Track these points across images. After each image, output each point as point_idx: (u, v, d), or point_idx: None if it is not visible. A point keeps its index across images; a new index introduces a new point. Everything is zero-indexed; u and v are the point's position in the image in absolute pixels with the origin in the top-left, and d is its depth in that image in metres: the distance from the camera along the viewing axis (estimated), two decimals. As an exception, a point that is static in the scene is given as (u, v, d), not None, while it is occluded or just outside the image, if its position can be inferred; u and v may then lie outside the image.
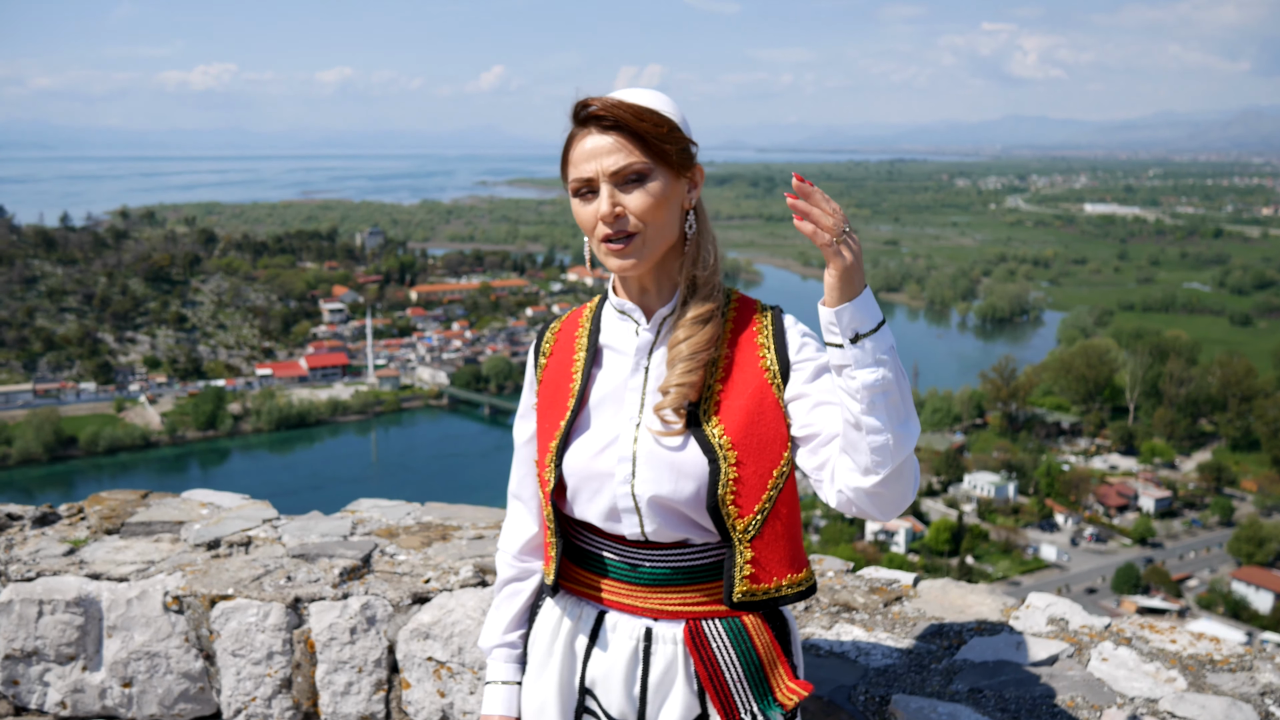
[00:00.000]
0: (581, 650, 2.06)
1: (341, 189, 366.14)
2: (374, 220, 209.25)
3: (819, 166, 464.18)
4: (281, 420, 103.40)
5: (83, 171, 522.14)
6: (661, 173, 1.90)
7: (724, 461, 1.89)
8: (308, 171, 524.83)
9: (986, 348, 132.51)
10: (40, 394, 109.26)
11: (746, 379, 1.95)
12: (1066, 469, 78.53)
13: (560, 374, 2.09)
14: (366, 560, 3.23)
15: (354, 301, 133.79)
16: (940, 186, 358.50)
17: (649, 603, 1.99)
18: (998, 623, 2.75)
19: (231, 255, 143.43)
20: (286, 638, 3.02)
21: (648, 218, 1.88)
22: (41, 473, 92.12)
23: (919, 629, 2.75)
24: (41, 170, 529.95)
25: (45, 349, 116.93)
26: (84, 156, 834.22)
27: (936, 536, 65.85)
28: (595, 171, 1.88)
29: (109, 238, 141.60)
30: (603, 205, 1.87)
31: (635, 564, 1.99)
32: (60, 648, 3.14)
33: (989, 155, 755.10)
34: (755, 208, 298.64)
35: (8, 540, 3.51)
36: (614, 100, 1.88)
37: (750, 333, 1.99)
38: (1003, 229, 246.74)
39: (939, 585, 3.02)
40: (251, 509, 3.74)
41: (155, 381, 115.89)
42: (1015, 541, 67.87)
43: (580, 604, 2.08)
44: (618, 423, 1.99)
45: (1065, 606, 2.79)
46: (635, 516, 1.95)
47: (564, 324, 2.18)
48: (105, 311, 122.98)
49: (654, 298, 2.01)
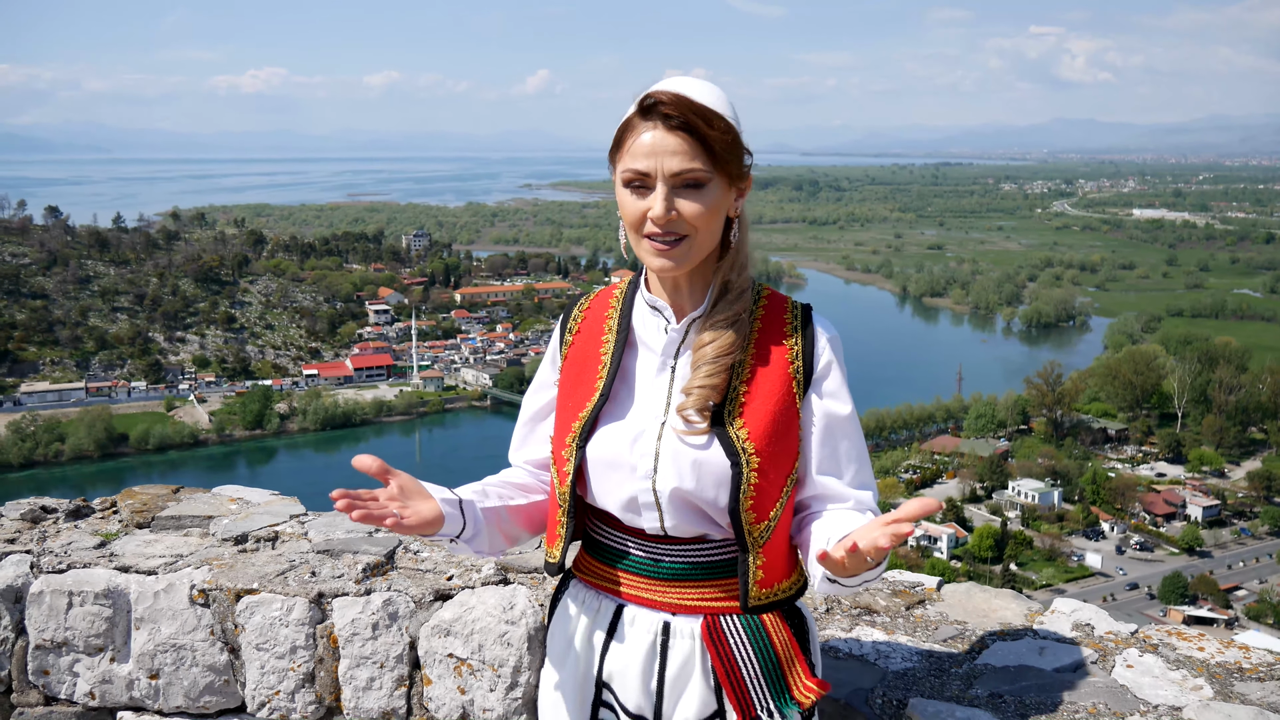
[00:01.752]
0: (599, 644, 2.05)
1: (388, 191, 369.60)
2: (419, 223, 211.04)
3: (863, 170, 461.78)
4: (327, 420, 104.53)
5: (136, 174, 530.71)
6: (719, 182, 1.88)
7: (746, 466, 1.89)
8: (355, 174, 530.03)
9: (1031, 353, 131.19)
10: (93, 392, 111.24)
11: (772, 381, 1.96)
12: (1113, 476, 77.64)
13: (588, 354, 2.09)
14: (390, 557, 3.25)
15: (399, 303, 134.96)
16: (986, 190, 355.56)
17: (667, 597, 1.99)
18: (1021, 628, 2.72)
19: (280, 257, 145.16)
20: (310, 632, 3.04)
21: (699, 224, 1.87)
22: (93, 469, 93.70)
23: (941, 633, 2.72)
24: (96, 172, 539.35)
25: (98, 348, 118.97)
26: (137, 159, 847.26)
27: (980, 543, 65.30)
28: (654, 168, 1.85)
29: (160, 239, 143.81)
30: (657, 206, 1.85)
31: (655, 558, 2.00)
32: (89, 639, 3.19)
33: (1036, 159, 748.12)
34: (799, 211, 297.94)
35: (41, 532, 3.56)
36: (686, 99, 1.83)
37: (779, 333, 2.01)
38: (1049, 233, 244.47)
39: (963, 589, 2.99)
40: (280, 505, 3.77)
41: (204, 381, 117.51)
42: (1060, 549, 67.17)
43: (599, 597, 2.07)
44: (643, 418, 1.99)
45: (1091, 612, 2.75)
46: (655, 511, 1.95)
47: (593, 303, 2.18)
48: (156, 311, 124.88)
49: (686, 297, 2.00)
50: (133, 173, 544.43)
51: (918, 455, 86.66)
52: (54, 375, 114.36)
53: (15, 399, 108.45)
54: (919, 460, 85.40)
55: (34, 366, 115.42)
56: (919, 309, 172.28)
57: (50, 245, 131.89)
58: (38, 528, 3.63)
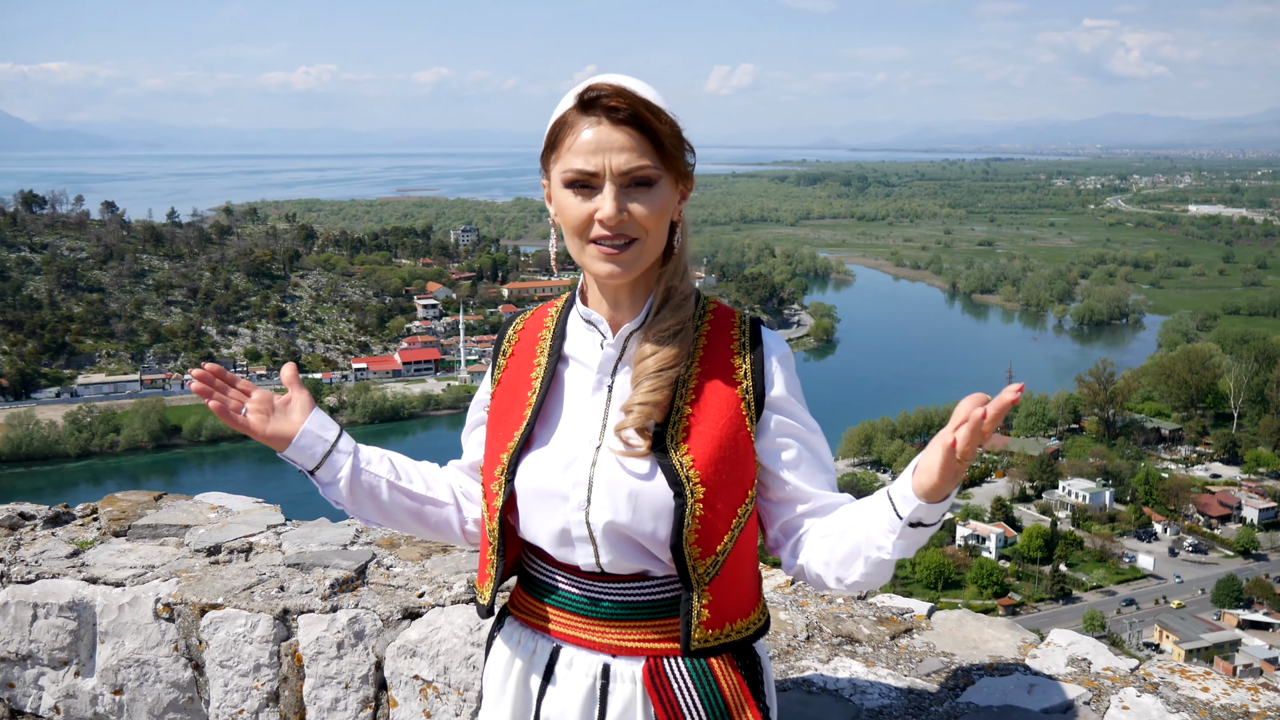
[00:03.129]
0: (536, 687, 1.89)
1: (437, 187, 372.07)
2: (468, 218, 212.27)
3: (913, 166, 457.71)
4: (375, 413, 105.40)
5: (190, 169, 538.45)
6: (668, 181, 1.76)
7: (690, 496, 1.73)
8: (404, 170, 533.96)
9: (1083, 351, 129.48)
10: (147, 384, 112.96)
11: (719, 402, 1.80)
12: (1166, 477, 76.35)
13: (518, 379, 1.95)
14: (361, 571, 3.13)
15: (447, 298, 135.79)
16: (1038, 186, 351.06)
17: (607, 638, 1.83)
18: (1012, 661, 2.53)
19: (330, 251, 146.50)
20: (274, 650, 2.93)
21: (650, 226, 1.74)
22: (147, 460, 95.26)
23: (925, 666, 2.54)
24: (151, 168, 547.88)
25: (152, 340, 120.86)
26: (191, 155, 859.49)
27: (1029, 543, 64.50)
28: (601, 166, 1.70)
29: (213, 233, 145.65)
30: (607, 206, 1.70)
31: (592, 596, 1.84)
32: (53, 652, 3.10)
33: (1089, 154, 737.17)
34: (847, 207, 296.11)
35: (16, 540, 3.49)
36: (630, 91, 1.70)
37: (726, 349, 1.85)
38: (1102, 230, 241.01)
39: (954, 617, 2.80)
40: (259, 514, 3.67)
41: (255, 374, 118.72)
42: (1111, 550, 66.22)
43: (534, 636, 1.92)
44: (576, 443, 1.83)
45: (1089, 646, 2.55)
46: (590, 546, 1.80)
47: (527, 323, 2.02)
48: (209, 305, 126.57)
49: (625, 309, 1.85)
50: (187, 168, 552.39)
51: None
52: (109, 367, 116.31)
53: (72, 390, 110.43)
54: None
55: (90, 358, 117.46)
56: (968, 306, 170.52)
57: (107, 240, 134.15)
58: (14, 535, 3.56)
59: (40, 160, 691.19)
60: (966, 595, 59.42)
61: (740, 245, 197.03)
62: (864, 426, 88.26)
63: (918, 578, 60.12)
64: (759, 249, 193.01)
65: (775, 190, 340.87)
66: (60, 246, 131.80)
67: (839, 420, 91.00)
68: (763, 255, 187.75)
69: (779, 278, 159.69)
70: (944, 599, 57.79)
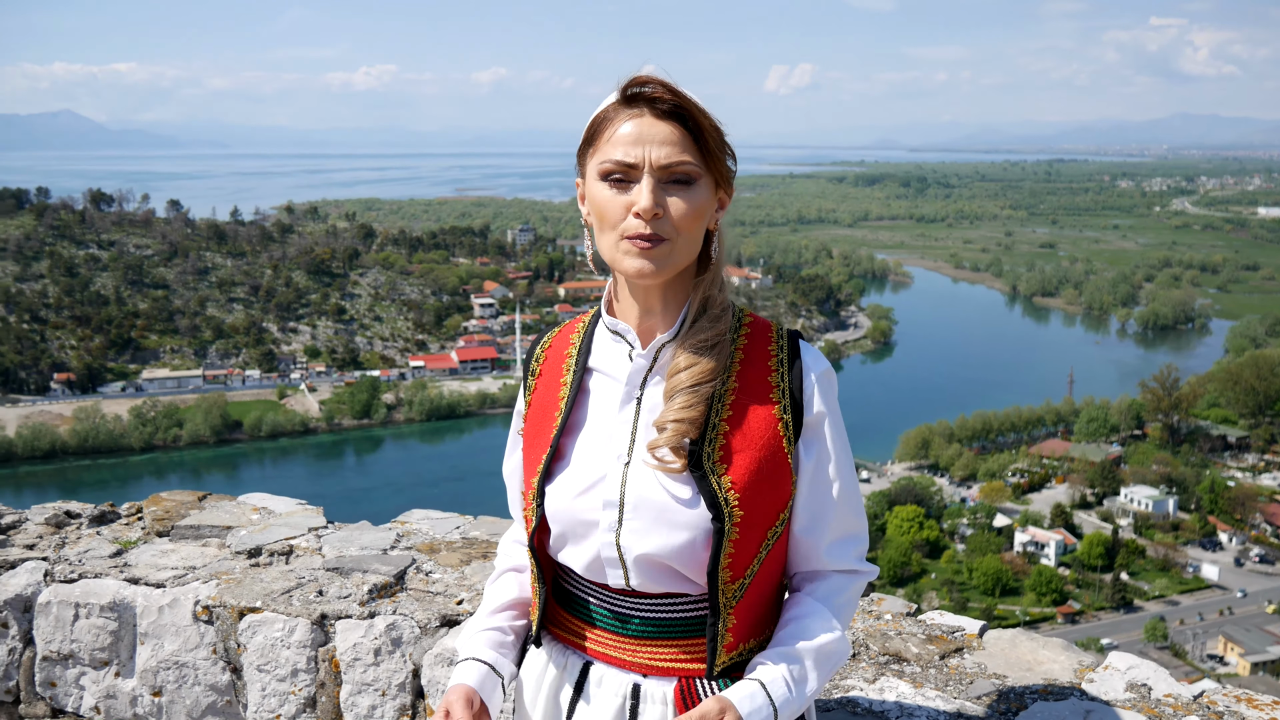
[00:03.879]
0: (566, 703, 1.83)
1: (494, 186, 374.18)
2: (525, 217, 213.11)
3: (973, 167, 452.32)
4: (432, 411, 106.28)
5: (253, 168, 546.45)
6: (707, 183, 1.68)
7: (729, 520, 1.66)
8: (462, 169, 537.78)
9: (1147, 356, 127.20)
10: (209, 379, 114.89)
11: (757, 421, 1.72)
12: (1232, 485, 74.64)
13: (547, 399, 1.87)
14: (400, 577, 3.09)
15: (504, 297, 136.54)
16: (1101, 188, 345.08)
17: (637, 656, 1.77)
18: (1068, 686, 2.42)
19: (388, 250, 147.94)
20: (312, 655, 2.90)
21: (684, 226, 1.66)
22: (209, 454, 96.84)
23: (975, 688, 2.43)
24: (216, 167, 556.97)
25: (215, 337, 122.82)
26: (254, 154, 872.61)
27: (1089, 550, 63.43)
28: (640, 158, 1.64)
29: (275, 232, 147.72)
30: (644, 198, 1.63)
31: (623, 615, 1.77)
32: (94, 652, 3.10)
33: (1155, 155, 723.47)
34: (906, 208, 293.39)
35: (61, 539, 3.50)
36: (674, 87, 1.66)
37: (763, 364, 1.76)
38: (1167, 232, 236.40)
39: (1008, 637, 2.69)
40: (301, 516, 3.65)
41: (315, 370, 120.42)
42: (1174, 559, 64.92)
43: (566, 652, 1.86)
44: (603, 460, 1.75)
45: (1149, 671, 2.43)
46: (620, 568, 1.73)
47: (554, 340, 1.95)
48: (270, 302, 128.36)
49: (657, 318, 1.76)
50: (250, 167, 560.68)
51: (1025, 459, 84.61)
52: (173, 363, 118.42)
53: (137, 385, 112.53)
54: (1026, 464, 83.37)
55: (155, 354, 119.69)
56: (1029, 309, 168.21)
57: (171, 237, 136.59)
58: (60, 533, 3.57)
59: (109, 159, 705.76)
60: (1024, 603, 58.55)
61: (797, 246, 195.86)
62: (921, 430, 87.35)
63: (974, 584, 59.37)
64: (816, 250, 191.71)
65: (833, 191, 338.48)
66: (127, 244, 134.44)
67: (895, 423, 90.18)
68: (820, 256, 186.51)
69: (836, 279, 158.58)
70: (1001, 606, 57.01)
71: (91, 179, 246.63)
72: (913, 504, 68.14)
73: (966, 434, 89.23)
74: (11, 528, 3.62)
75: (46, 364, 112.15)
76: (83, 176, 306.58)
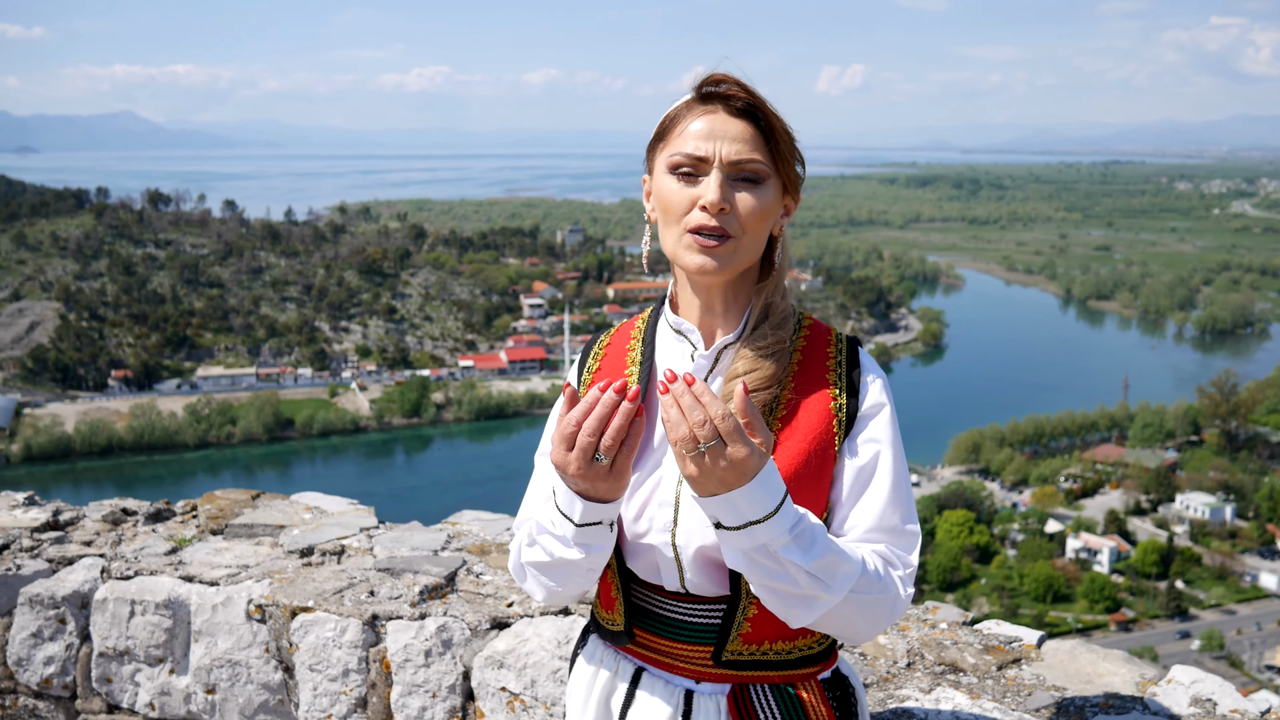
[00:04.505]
0: (618, 708, 1.82)
1: (544, 187, 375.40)
2: (575, 218, 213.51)
3: (1027, 168, 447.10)
4: (481, 411, 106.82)
5: (307, 169, 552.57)
6: (775, 184, 1.70)
7: None
8: (513, 170, 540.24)
9: (1205, 360, 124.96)
10: (262, 378, 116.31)
11: (811, 424, 1.72)
12: (1292, 492, 73.14)
13: None
14: (451, 579, 3.09)
15: (553, 297, 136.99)
16: (1159, 190, 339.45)
17: (690, 662, 1.75)
18: (1130, 698, 2.36)
19: (439, 250, 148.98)
20: (363, 655, 2.91)
21: (750, 225, 1.67)
22: (261, 452, 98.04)
23: (1034, 700, 2.38)
24: (271, 167, 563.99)
25: (268, 335, 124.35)
26: (308, 154, 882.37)
27: (1144, 558, 62.47)
28: (711, 152, 1.65)
29: (328, 231, 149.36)
30: (711, 192, 1.63)
31: (676, 618, 1.76)
32: (149, 649, 3.13)
33: (1214, 157, 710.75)
34: (958, 210, 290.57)
35: (118, 535, 3.54)
36: (749, 86, 1.67)
37: (821, 369, 1.76)
38: (1227, 235, 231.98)
39: (1067, 648, 2.63)
40: (353, 515, 3.67)
41: (366, 369, 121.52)
42: (1231, 568, 63.74)
43: (617, 656, 1.85)
44: (661, 460, 1.76)
45: (1214, 685, 2.37)
46: (675, 567, 1.73)
47: (613, 337, 1.96)
48: (322, 301, 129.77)
49: (718, 319, 1.78)
50: (304, 168, 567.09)
51: (1079, 464, 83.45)
52: (227, 361, 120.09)
53: (192, 382, 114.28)
54: (1080, 469, 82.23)
55: (209, 352, 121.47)
56: (1083, 312, 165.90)
57: (227, 237, 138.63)
58: (116, 530, 3.61)
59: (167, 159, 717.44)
60: (1076, 610, 57.74)
61: (848, 248, 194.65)
62: (972, 434, 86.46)
63: (1025, 589, 58.68)
64: (867, 252, 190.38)
65: (884, 192, 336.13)
66: (183, 243, 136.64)
67: (946, 427, 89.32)
68: (870, 258, 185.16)
69: (887, 281, 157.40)
70: (1053, 612, 56.26)
71: (150, 179, 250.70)
72: (963, 508, 67.49)
73: (1018, 438, 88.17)
74: (70, 524, 3.67)
75: (104, 361, 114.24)
76: (141, 177, 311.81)
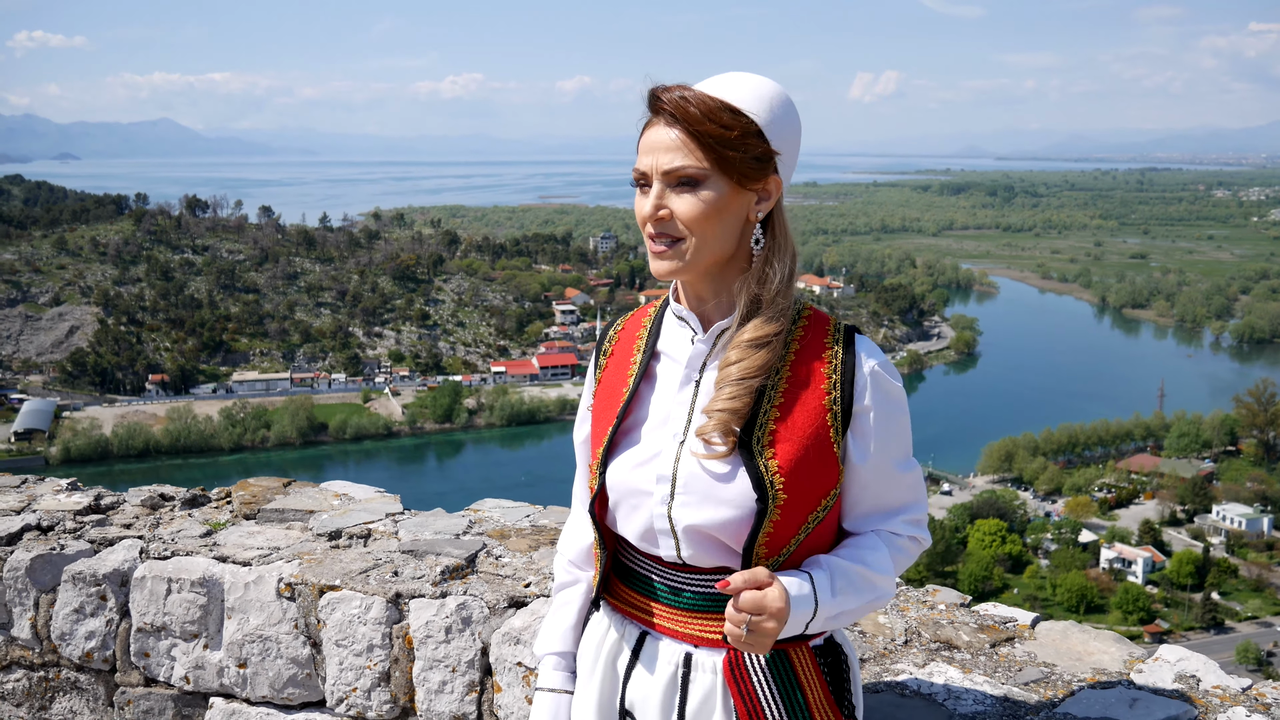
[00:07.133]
0: (623, 670, 1.96)
1: (577, 194, 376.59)
2: (607, 225, 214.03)
3: (1062, 175, 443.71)
4: (512, 416, 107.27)
5: (343, 176, 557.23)
6: (719, 181, 1.74)
7: (772, 501, 1.76)
8: (546, 177, 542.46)
9: (1242, 370, 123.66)
10: (297, 382, 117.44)
11: (806, 409, 1.80)
12: (1332, 505, 72.24)
13: (617, 377, 1.99)
14: (472, 560, 3.23)
15: (585, 304, 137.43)
16: (1196, 197, 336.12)
17: (689, 628, 1.87)
18: (1116, 675, 2.46)
19: (472, 257, 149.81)
20: (386, 632, 3.04)
21: (694, 227, 1.75)
22: (295, 455, 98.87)
23: (1024, 675, 2.49)
24: (307, 174, 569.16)
25: (303, 340, 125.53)
26: (344, 161, 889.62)
27: (1179, 569, 61.84)
28: (650, 166, 1.76)
29: (362, 238, 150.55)
30: (647, 204, 1.77)
31: (675, 587, 1.89)
32: (185, 625, 3.28)
33: (1253, 164, 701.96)
34: (992, 218, 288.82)
35: (156, 519, 3.71)
36: (681, 95, 1.73)
37: (817, 356, 1.84)
38: (1266, 243, 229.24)
39: (1059, 628, 2.73)
40: (379, 502, 3.82)
41: (399, 375, 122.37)
42: (1269, 579, 63.02)
43: (624, 622, 1.98)
44: (661, 437, 1.87)
45: (1199, 663, 2.46)
46: (671, 540, 1.84)
47: (627, 323, 2.07)
48: (356, 307, 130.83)
49: (712, 309, 1.87)
50: (339, 174, 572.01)
51: (1113, 474, 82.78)
52: (262, 365, 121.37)
53: (227, 387, 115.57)
54: (1114, 479, 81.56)
55: (245, 357, 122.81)
56: (1119, 320, 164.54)
57: (263, 243, 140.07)
58: (154, 514, 3.78)
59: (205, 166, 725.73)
60: (1110, 620, 57.23)
61: (880, 255, 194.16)
62: (1005, 442, 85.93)
63: (1058, 599, 58.23)
64: (900, 259, 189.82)
65: (917, 200, 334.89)
66: (220, 249, 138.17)
67: (978, 435, 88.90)
68: (903, 266, 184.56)
69: (920, 289, 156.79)
70: (1086, 623, 55.80)
71: (188, 185, 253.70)
72: (995, 518, 67.07)
73: (1052, 447, 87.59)
74: (111, 508, 3.85)
75: (142, 365, 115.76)
76: (180, 183, 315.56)
